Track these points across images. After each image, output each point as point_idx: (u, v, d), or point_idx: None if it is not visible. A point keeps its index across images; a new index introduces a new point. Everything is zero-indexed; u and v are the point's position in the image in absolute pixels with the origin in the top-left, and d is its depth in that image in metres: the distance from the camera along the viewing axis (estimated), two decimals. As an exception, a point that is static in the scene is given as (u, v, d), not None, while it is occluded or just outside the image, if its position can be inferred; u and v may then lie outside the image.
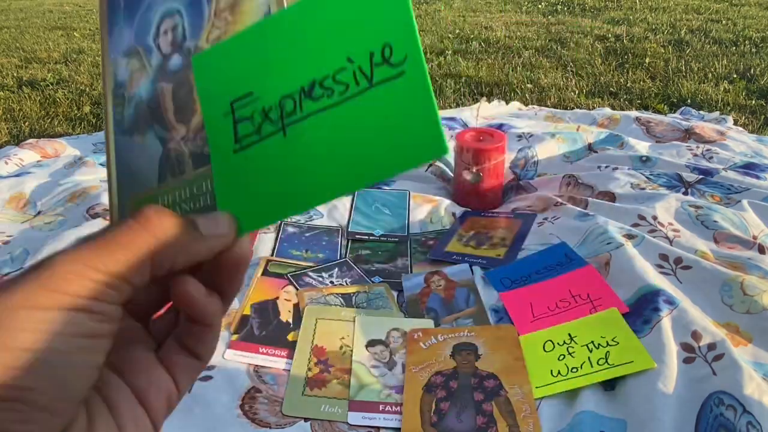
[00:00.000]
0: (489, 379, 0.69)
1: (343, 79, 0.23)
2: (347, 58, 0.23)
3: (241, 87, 0.24)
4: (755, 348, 0.70)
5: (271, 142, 0.24)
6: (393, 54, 0.22)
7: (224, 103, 0.25)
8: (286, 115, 0.24)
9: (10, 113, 2.00)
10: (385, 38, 0.22)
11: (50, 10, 4.51)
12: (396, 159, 0.22)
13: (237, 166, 0.24)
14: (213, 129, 0.25)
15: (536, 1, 3.98)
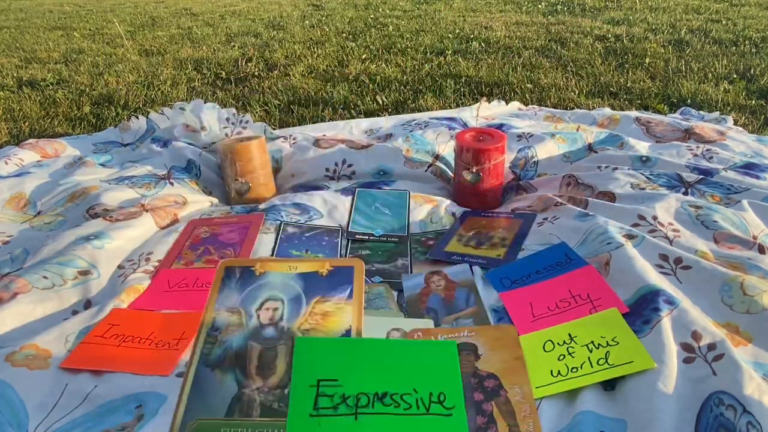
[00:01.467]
0: (489, 379, 0.69)
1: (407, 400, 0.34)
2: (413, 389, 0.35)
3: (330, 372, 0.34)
4: (755, 348, 0.70)
5: (343, 420, 0.33)
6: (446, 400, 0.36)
7: (312, 378, 0.34)
8: (360, 407, 0.34)
9: (10, 113, 2.00)
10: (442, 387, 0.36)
11: (50, 10, 4.51)
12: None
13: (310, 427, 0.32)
14: (296, 394, 0.33)
15: (536, 1, 3.98)
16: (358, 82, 2.27)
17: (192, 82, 2.36)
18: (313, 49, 2.85)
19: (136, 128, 1.59)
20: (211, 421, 0.33)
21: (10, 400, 0.65)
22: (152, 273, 0.93)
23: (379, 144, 1.35)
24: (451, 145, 1.36)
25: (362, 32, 3.22)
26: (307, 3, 4.50)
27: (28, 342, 0.74)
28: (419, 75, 2.33)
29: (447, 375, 0.35)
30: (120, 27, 3.50)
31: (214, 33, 3.36)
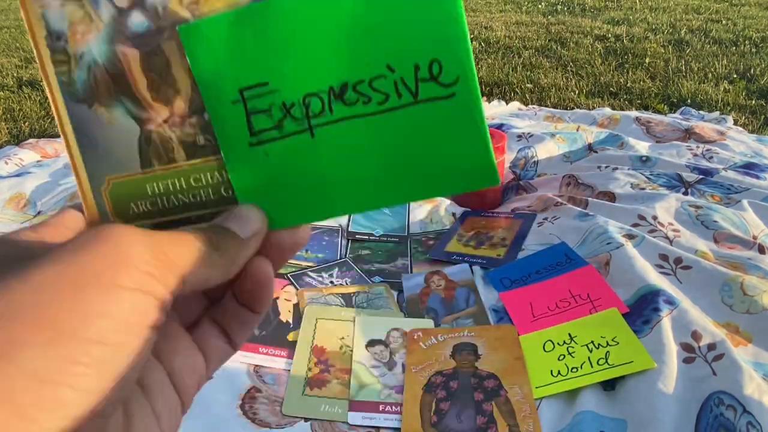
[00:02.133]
0: (489, 379, 0.69)
1: (381, 87, 0.21)
2: (387, 65, 0.21)
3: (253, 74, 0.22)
4: (755, 348, 0.70)
5: (296, 141, 0.22)
6: (443, 72, 0.21)
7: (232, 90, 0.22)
8: (313, 115, 0.22)
9: (10, 113, 2.00)
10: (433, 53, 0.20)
11: (50, 10, 4.50)
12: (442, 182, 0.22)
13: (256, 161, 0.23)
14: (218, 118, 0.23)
15: (536, 1, 3.98)
16: (358, 82, 2.27)
17: (192, 82, 2.36)
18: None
19: (136, 128, 1.59)
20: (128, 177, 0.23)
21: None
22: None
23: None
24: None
25: (362, 32, 3.22)
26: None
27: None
28: (419, 75, 2.33)
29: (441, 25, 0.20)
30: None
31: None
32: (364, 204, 0.23)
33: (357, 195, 0.23)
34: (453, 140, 0.21)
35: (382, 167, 0.22)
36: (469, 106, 0.21)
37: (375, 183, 0.22)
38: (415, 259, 0.99)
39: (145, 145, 0.23)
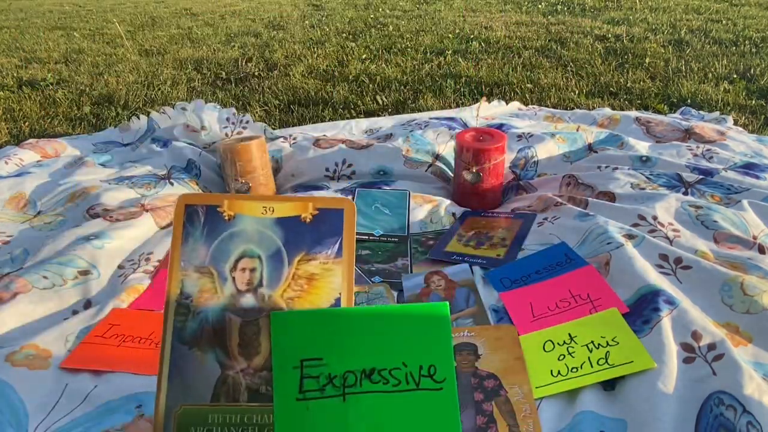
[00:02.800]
0: (489, 379, 0.69)
1: (396, 375, 0.32)
2: (402, 362, 0.32)
3: (313, 351, 0.31)
4: (755, 348, 0.70)
5: (331, 402, 0.31)
6: (437, 373, 0.33)
7: (295, 359, 0.31)
8: (347, 386, 0.32)
9: (10, 113, 2.00)
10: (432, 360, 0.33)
11: (50, 10, 4.51)
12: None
13: (297, 412, 0.31)
14: (280, 377, 0.31)
15: (536, 1, 3.98)
16: (358, 82, 2.27)
17: (192, 82, 2.36)
18: (313, 49, 2.85)
19: (136, 128, 1.59)
20: (197, 407, 0.31)
21: (10, 400, 0.65)
22: (152, 273, 0.93)
23: (379, 144, 1.35)
24: (451, 145, 1.36)
25: (362, 32, 3.22)
26: (307, 3, 4.50)
27: (28, 342, 0.74)
28: (419, 75, 2.33)
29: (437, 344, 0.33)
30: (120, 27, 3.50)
31: (214, 33, 3.36)
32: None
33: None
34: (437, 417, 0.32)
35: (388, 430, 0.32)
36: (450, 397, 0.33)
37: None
38: (415, 259, 0.99)
39: (220, 384, 0.31)
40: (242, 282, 0.32)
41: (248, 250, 0.32)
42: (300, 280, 0.32)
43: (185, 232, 0.32)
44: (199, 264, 0.32)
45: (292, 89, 2.20)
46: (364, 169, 1.29)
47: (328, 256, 0.33)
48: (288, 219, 0.33)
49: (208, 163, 1.37)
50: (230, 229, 0.33)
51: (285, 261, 0.33)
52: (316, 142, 1.38)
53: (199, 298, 0.32)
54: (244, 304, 0.32)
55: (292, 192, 1.28)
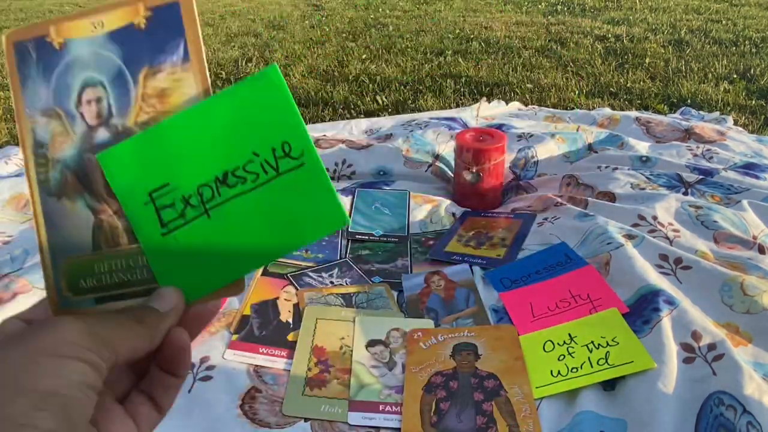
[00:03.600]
0: (489, 379, 0.69)
1: (252, 169, 0.28)
2: (253, 152, 0.28)
3: (157, 179, 0.28)
4: (755, 348, 0.70)
5: (197, 223, 0.29)
6: (292, 149, 0.28)
7: (142, 194, 0.28)
8: (206, 201, 0.28)
9: (10, 113, 2.00)
10: (282, 137, 0.28)
11: (50, 10, 4.51)
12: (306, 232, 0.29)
13: (168, 247, 0.29)
14: (136, 217, 0.29)
15: (536, 1, 3.98)
16: (358, 82, 2.27)
17: (192, 82, 2.36)
18: (313, 49, 2.85)
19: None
20: (81, 258, 0.29)
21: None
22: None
23: (379, 144, 1.35)
24: (451, 145, 1.36)
25: (362, 32, 3.22)
26: (307, 3, 4.50)
27: (28, 342, 0.74)
28: (419, 75, 2.33)
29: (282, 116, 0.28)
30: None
31: (214, 33, 3.36)
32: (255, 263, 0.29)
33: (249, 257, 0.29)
34: (310, 196, 0.28)
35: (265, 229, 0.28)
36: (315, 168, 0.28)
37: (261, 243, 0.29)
38: (415, 259, 0.99)
39: (97, 231, 0.29)
40: (91, 116, 0.28)
41: (89, 78, 0.28)
42: (151, 100, 0.28)
43: (21, 76, 0.29)
44: (44, 107, 0.28)
45: (292, 89, 2.20)
46: (364, 169, 1.29)
47: (174, 63, 0.28)
48: (120, 30, 0.28)
49: (208, 163, 1.37)
50: (64, 59, 0.28)
51: (130, 81, 0.28)
52: (316, 142, 1.38)
53: (53, 145, 0.28)
54: (100, 140, 0.28)
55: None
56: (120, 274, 0.29)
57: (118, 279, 0.29)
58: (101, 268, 0.29)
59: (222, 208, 0.28)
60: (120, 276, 0.29)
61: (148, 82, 0.28)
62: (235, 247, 0.29)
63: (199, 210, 0.28)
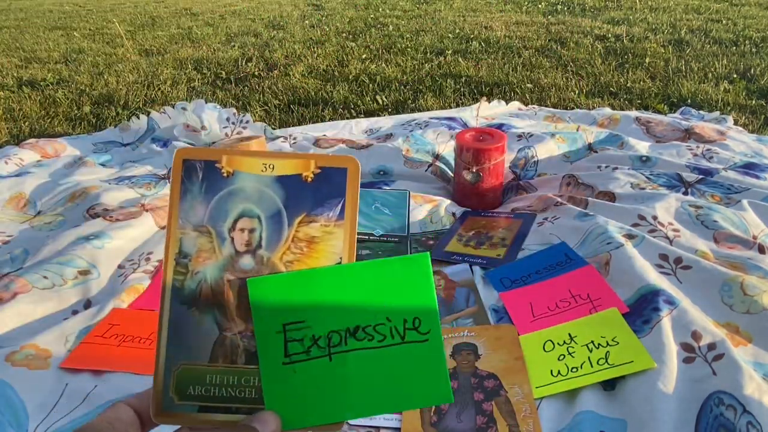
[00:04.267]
0: (489, 379, 0.69)
1: (381, 330, 0.31)
2: (387, 317, 0.32)
3: (295, 315, 0.31)
4: (755, 348, 0.70)
5: (318, 363, 0.31)
6: (421, 325, 0.32)
7: (277, 323, 0.31)
8: (333, 345, 0.31)
9: (10, 113, 2.00)
10: (415, 313, 0.32)
11: (50, 10, 4.51)
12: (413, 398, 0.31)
13: (285, 376, 0.31)
14: (264, 342, 0.31)
15: (536, 1, 3.98)
16: (358, 82, 2.27)
17: (192, 82, 2.36)
18: (313, 49, 2.85)
19: (136, 128, 1.59)
20: (196, 366, 0.31)
21: (10, 400, 0.66)
22: (152, 273, 0.93)
23: (379, 144, 1.35)
24: (451, 145, 1.36)
25: (362, 32, 3.22)
26: (307, 3, 4.50)
27: (28, 342, 0.74)
28: (419, 75, 2.33)
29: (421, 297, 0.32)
30: (120, 27, 3.50)
31: (214, 33, 3.36)
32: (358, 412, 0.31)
33: (354, 406, 0.31)
34: (425, 370, 0.31)
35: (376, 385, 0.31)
36: (436, 348, 0.31)
37: (368, 397, 0.31)
38: (415, 259, 0.98)
39: (218, 345, 0.31)
40: (241, 243, 0.31)
41: (247, 209, 0.31)
42: (300, 243, 0.31)
43: (183, 189, 0.31)
44: (198, 223, 0.31)
45: (292, 89, 2.20)
46: (364, 169, 1.29)
47: (329, 218, 0.31)
48: (289, 177, 0.32)
49: (208, 163, 1.37)
50: (229, 186, 0.31)
51: (285, 222, 0.31)
52: (316, 142, 1.38)
53: (197, 258, 0.31)
54: (243, 266, 0.31)
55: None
56: (229, 389, 0.31)
57: (227, 393, 0.31)
58: (213, 380, 0.31)
59: (344, 355, 0.31)
60: (229, 391, 0.31)
61: (302, 228, 0.32)
62: (342, 393, 0.31)
63: (323, 351, 0.31)
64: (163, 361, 0.31)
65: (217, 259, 0.31)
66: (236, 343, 0.31)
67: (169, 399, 0.31)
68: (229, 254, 0.31)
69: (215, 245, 0.31)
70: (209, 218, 0.31)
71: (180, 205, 0.31)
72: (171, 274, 0.31)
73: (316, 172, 0.32)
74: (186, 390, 0.31)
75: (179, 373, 0.31)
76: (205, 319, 0.31)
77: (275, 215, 0.31)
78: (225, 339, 0.31)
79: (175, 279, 0.31)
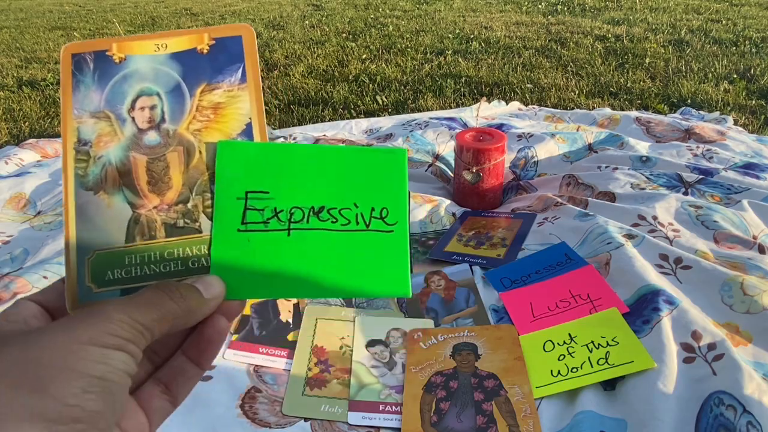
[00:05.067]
0: (489, 379, 0.69)
1: (346, 215, 0.31)
2: (354, 203, 0.31)
3: (259, 184, 0.31)
4: (755, 348, 0.70)
5: (275, 236, 0.30)
6: (389, 215, 0.31)
7: (239, 190, 0.30)
8: (293, 221, 0.31)
9: (10, 113, 2.00)
10: (384, 202, 0.31)
11: (50, 10, 4.51)
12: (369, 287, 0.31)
13: (237, 243, 0.30)
14: (222, 206, 0.30)
15: (536, 1, 3.98)
16: (358, 82, 2.27)
17: (192, 82, 2.36)
18: (313, 49, 2.85)
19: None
20: (110, 250, 0.29)
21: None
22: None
23: (379, 144, 1.35)
24: (451, 145, 1.36)
25: (362, 32, 3.22)
26: (307, 3, 4.50)
27: (28, 342, 0.74)
28: (419, 75, 2.33)
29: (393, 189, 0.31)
30: (120, 27, 3.50)
31: (214, 33, 3.35)
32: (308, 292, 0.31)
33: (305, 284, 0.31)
34: (386, 260, 0.31)
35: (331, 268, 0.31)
36: (401, 240, 0.31)
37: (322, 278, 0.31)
38: (415, 259, 0.99)
39: (133, 225, 0.30)
40: (143, 120, 0.30)
41: (145, 88, 0.31)
42: (205, 111, 0.31)
43: (75, 81, 0.31)
44: (94, 109, 0.30)
45: (292, 89, 2.20)
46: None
47: (231, 83, 0.31)
48: (183, 53, 0.31)
49: (208, 163, 1.37)
50: (123, 71, 0.31)
51: (186, 94, 0.31)
52: (316, 142, 1.38)
53: (98, 143, 0.30)
54: (148, 142, 0.30)
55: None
56: (152, 265, 0.30)
57: (150, 270, 0.30)
58: (133, 260, 0.30)
59: (304, 233, 0.31)
60: (152, 267, 0.30)
61: (204, 96, 0.31)
62: (297, 271, 0.30)
63: (283, 226, 0.31)
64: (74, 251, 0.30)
65: (120, 141, 0.30)
66: (152, 218, 0.30)
67: (86, 289, 0.30)
68: (132, 133, 0.31)
69: (115, 127, 0.31)
70: (105, 103, 0.31)
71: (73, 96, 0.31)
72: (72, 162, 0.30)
73: (211, 44, 0.32)
74: (104, 276, 0.30)
75: (94, 261, 0.30)
76: (114, 200, 0.30)
77: (174, 89, 0.31)
78: (139, 216, 0.30)
79: (77, 168, 0.30)
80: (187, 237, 0.30)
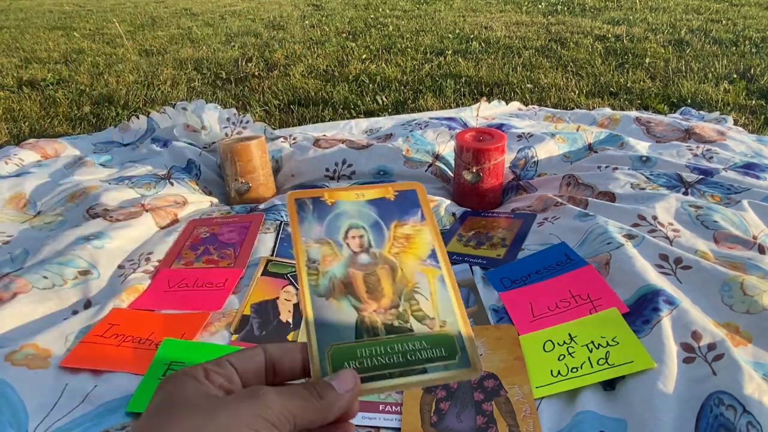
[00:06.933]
0: (489, 379, 0.69)
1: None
2: None
3: None
4: (755, 348, 0.70)
5: None
6: None
7: None
8: None
9: (10, 113, 2.00)
10: None
11: (50, 10, 4.51)
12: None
13: None
14: None
15: (536, 1, 3.98)
16: (358, 82, 2.27)
17: (192, 82, 2.36)
18: (313, 49, 2.85)
19: (136, 128, 1.59)
20: (345, 345, 0.36)
21: (10, 400, 0.65)
22: (152, 273, 0.93)
23: (379, 144, 1.35)
24: (451, 145, 1.36)
25: (362, 32, 3.22)
26: (307, 3, 4.50)
27: (28, 341, 0.74)
28: (419, 75, 2.34)
29: None
30: (120, 27, 3.50)
31: (214, 33, 3.36)
32: None
33: None
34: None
35: None
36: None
37: None
38: (415, 259, 0.98)
39: (359, 325, 0.37)
40: (355, 246, 0.39)
41: (353, 223, 0.40)
42: (400, 239, 0.40)
43: (300, 217, 0.40)
44: (318, 237, 0.39)
45: (292, 89, 2.20)
46: (364, 169, 1.29)
47: (415, 221, 0.41)
48: (377, 200, 0.42)
49: (208, 163, 1.37)
50: (335, 211, 0.41)
51: (384, 228, 0.40)
52: (316, 142, 1.38)
53: (324, 261, 0.38)
54: (361, 261, 0.39)
55: (292, 192, 1.28)
56: (379, 358, 0.36)
57: (377, 362, 0.36)
58: (363, 352, 0.36)
59: None
60: (379, 360, 0.36)
61: (398, 230, 0.41)
62: None
63: None
64: (315, 346, 0.36)
65: (341, 260, 0.39)
66: (374, 320, 0.37)
67: None
68: (349, 255, 0.40)
69: (335, 250, 0.40)
70: (326, 233, 0.40)
71: (300, 228, 0.40)
72: (306, 276, 0.38)
73: (395, 194, 0.43)
74: (342, 366, 0.35)
75: (332, 353, 0.36)
76: (343, 304, 0.38)
77: (375, 224, 0.41)
78: (364, 318, 0.37)
79: (310, 280, 0.38)
80: (404, 335, 0.37)
